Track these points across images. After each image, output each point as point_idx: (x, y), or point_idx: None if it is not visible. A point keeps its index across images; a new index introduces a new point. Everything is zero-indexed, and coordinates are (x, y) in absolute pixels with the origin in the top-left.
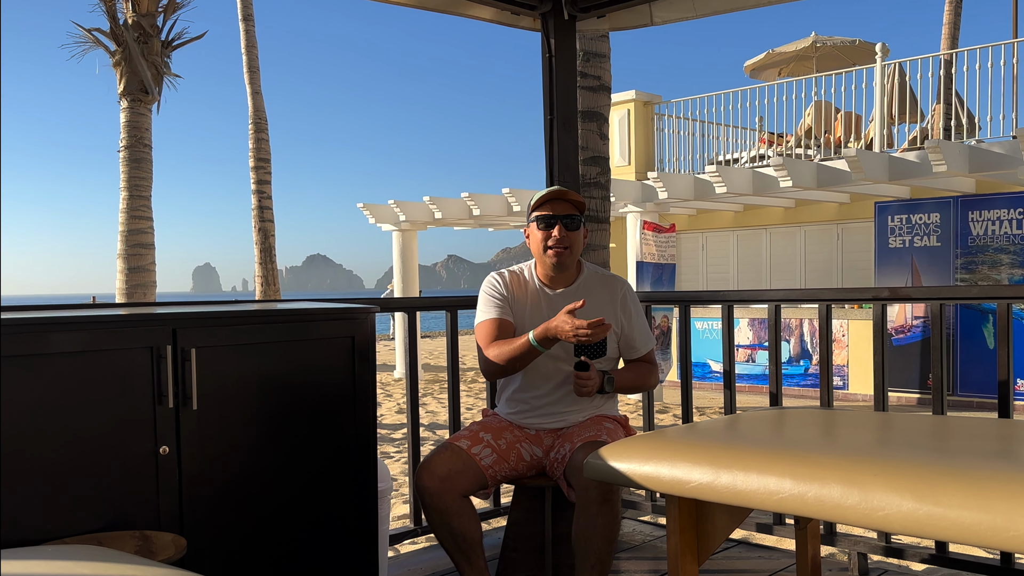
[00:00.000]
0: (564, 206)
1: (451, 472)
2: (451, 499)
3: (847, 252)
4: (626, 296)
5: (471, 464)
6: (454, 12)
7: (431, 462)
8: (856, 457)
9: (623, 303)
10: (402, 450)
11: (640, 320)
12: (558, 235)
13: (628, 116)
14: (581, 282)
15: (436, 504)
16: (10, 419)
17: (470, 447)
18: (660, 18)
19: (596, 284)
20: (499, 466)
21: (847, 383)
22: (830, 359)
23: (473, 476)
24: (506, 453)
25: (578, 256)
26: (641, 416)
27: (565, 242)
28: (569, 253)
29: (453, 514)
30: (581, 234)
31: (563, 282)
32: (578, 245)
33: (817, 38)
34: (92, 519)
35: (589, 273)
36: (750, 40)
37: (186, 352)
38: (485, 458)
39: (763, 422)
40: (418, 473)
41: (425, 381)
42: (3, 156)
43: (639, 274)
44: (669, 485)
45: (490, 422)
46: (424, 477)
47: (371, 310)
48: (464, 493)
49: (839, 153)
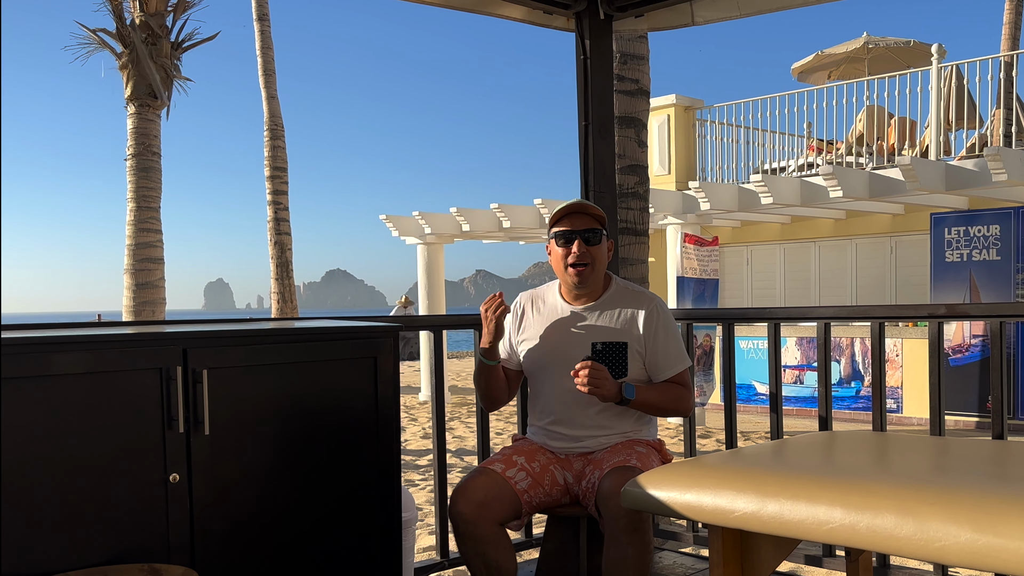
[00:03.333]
0: (584, 220)
1: (487, 498)
2: (487, 527)
3: (901, 267)
4: (653, 313)
5: (507, 489)
6: (483, 11)
7: (467, 487)
8: (911, 485)
9: (647, 320)
10: (428, 478)
11: (668, 339)
12: (578, 251)
13: (668, 122)
14: (607, 297)
15: (471, 532)
16: (11, 445)
17: (504, 470)
18: (702, 17)
19: (622, 299)
20: (534, 491)
21: (901, 406)
22: (883, 380)
23: (509, 502)
24: (540, 476)
25: (602, 271)
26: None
27: (586, 258)
28: (591, 269)
29: (489, 543)
30: (604, 248)
31: (588, 297)
32: (601, 260)
33: (869, 39)
34: (98, 551)
35: (617, 288)
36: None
37: (197, 374)
38: (520, 482)
39: (812, 447)
40: (452, 498)
41: (452, 404)
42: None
43: (680, 290)
44: (712, 515)
45: (522, 446)
46: (460, 503)
47: (394, 328)
48: (500, 521)
49: (892, 161)
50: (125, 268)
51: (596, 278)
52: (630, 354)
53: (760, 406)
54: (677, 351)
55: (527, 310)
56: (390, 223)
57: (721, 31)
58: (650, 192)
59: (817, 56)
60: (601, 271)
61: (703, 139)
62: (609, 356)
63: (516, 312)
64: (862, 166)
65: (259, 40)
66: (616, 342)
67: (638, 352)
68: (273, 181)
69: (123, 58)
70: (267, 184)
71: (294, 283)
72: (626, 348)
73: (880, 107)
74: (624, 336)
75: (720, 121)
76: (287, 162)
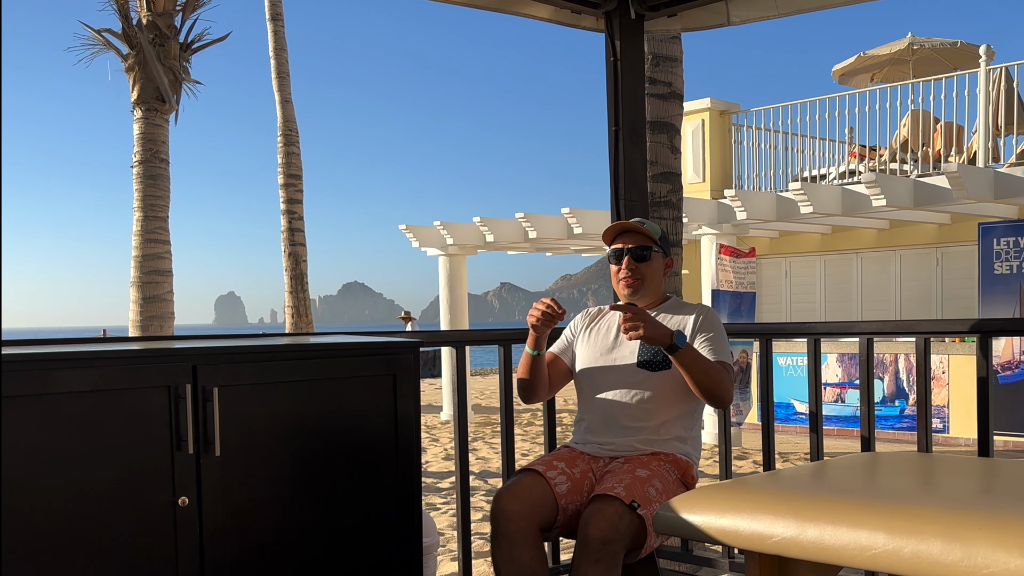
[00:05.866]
0: (635, 238)
1: (532, 497)
2: (527, 528)
3: (947, 279)
4: (701, 318)
5: (548, 493)
6: (509, 11)
7: (513, 486)
8: (958, 508)
9: (696, 320)
10: (450, 501)
11: (713, 337)
12: (627, 268)
13: (702, 127)
14: (660, 308)
15: (512, 532)
16: (11, 466)
17: (546, 471)
18: (738, 17)
19: (675, 310)
20: (571, 496)
21: (947, 425)
22: (928, 399)
23: (549, 507)
24: (580, 482)
25: (656, 287)
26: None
27: (637, 274)
28: (642, 284)
29: (526, 546)
30: (657, 264)
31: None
32: (653, 276)
33: (914, 39)
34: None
35: (673, 302)
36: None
37: (208, 392)
38: (559, 485)
39: (854, 469)
40: (497, 496)
41: (475, 424)
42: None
43: (715, 304)
44: (748, 540)
45: (562, 452)
46: (504, 499)
47: (415, 344)
48: (541, 526)
49: (938, 168)
50: (131, 281)
51: (649, 292)
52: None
53: (799, 426)
54: (721, 346)
55: (591, 325)
56: (410, 233)
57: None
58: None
59: (859, 58)
60: (654, 287)
61: (739, 145)
62: (655, 347)
63: (574, 331)
64: (906, 173)
65: (272, 41)
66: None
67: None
68: (287, 189)
69: (129, 60)
70: (281, 192)
71: (309, 296)
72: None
73: (925, 111)
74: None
75: (757, 126)
76: (302, 169)
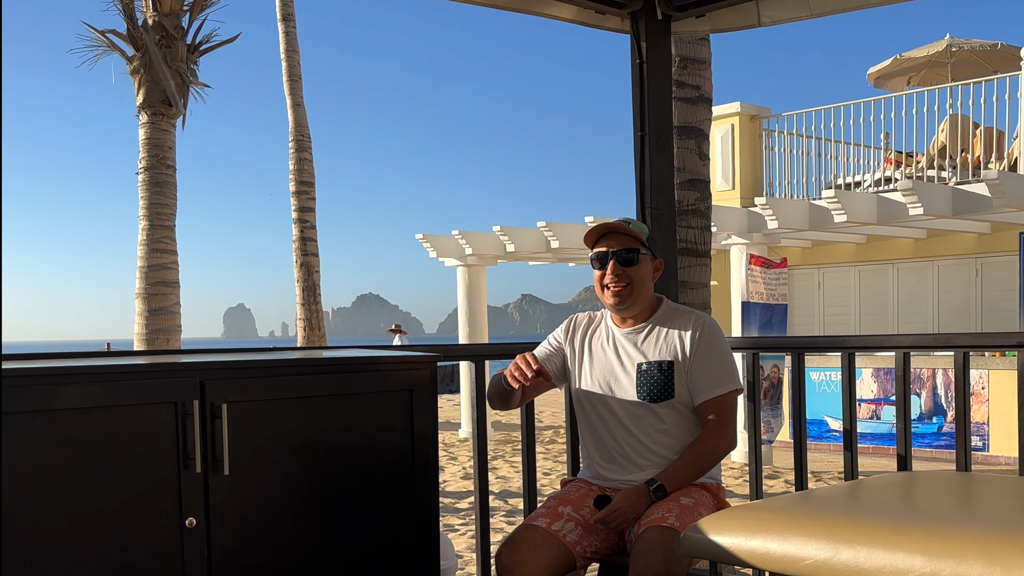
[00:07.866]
0: (620, 239)
1: (536, 548)
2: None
3: (987, 290)
4: (701, 332)
5: (555, 544)
6: (531, 11)
7: (514, 538)
8: (998, 530)
9: (692, 338)
10: (468, 522)
11: (712, 359)
12: (612, 272)
13: (732, 132)
14: (655, 318)
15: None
16: (12, 485)
17: (550, 524)
18: (769, 18)
19: (670, 319)
20: (587, 540)
21: (987, 444)
22: (967, 416)
23: (560, 553)
24: (592, 523)
25: (646, 292)
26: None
27: (624, 279)
28: (630, 290)
29: None
30: (646, 268)
31: (635, 320)
32: (642, 280)
33: (952, 41)
34: None
35: (667, 309)
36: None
37: (216, 408)
38: (569, 534)
39: (889, 489)
40: (499, 552)
41: (495, 442)
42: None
43: (745, 316)
44: (780, 562)
45: (568, 493)
46: (504, 555)
47: (433, 359)
48: (551, 573)
49: (978, 175)
50: (137, 292)
51: (639, 300)
52: (676, 374)
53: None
54: (720, 373)
55: (581, 334)
56: (427, 243)
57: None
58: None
59: (895, 60)
60: (643, 292)
61: (770, 151)
62: (655, 376)
63: (570, 327)
64: (945, 181)
65: (283, 42)
66: (662, 361)
67: (686, 372)
68: (299, 197)
69: (134, 62)
70: (292, 200)
71: (322, 309)
72: (672, 367)
73: (964, 116)
74: (671, 356)
75: (789, 131)
76: (314, 176)
